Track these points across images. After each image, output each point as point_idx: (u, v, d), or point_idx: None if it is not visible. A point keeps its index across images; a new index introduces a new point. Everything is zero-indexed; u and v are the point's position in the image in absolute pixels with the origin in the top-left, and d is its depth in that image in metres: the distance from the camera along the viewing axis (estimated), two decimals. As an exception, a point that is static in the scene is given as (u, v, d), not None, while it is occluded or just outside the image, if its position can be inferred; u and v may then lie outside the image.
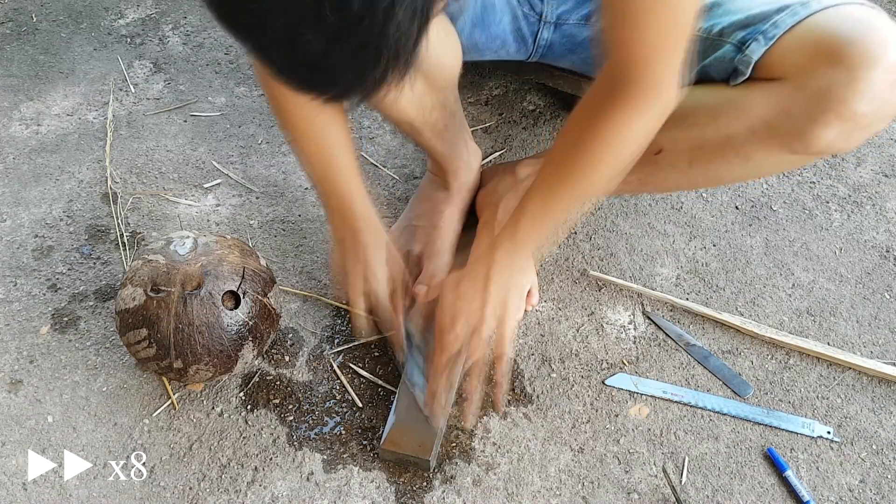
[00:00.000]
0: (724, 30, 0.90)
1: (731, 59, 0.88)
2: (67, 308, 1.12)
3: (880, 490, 0.94)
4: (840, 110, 0.79)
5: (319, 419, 1.01)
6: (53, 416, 1.01)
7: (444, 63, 1.00)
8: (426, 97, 1.01)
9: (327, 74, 0.51)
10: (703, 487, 0.94)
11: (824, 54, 0.80)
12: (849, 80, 0.78)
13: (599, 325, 1.10)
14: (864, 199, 1.26)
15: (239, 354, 0.96)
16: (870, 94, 0.78)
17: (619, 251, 1.19)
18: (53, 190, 1.29)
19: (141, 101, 1.45)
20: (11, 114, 1.43)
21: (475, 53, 1.08)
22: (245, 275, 0.95)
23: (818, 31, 0.82)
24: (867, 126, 0.81)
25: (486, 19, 1.04)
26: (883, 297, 1.13)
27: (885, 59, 0.77)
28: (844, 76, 0.78)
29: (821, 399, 1.02)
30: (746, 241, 1.20)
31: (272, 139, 1.37)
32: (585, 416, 1.01)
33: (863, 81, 0.77)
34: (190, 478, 0.95)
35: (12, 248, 1.20)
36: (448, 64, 1.01)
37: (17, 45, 1.58)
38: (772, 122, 0.85)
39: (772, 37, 0.85)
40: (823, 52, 0.80)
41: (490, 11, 1.04)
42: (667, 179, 0.99)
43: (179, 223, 1.24)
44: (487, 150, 1.34)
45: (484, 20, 1.04)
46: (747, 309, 1.11)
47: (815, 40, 0.82)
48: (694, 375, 1.04)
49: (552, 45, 1.10)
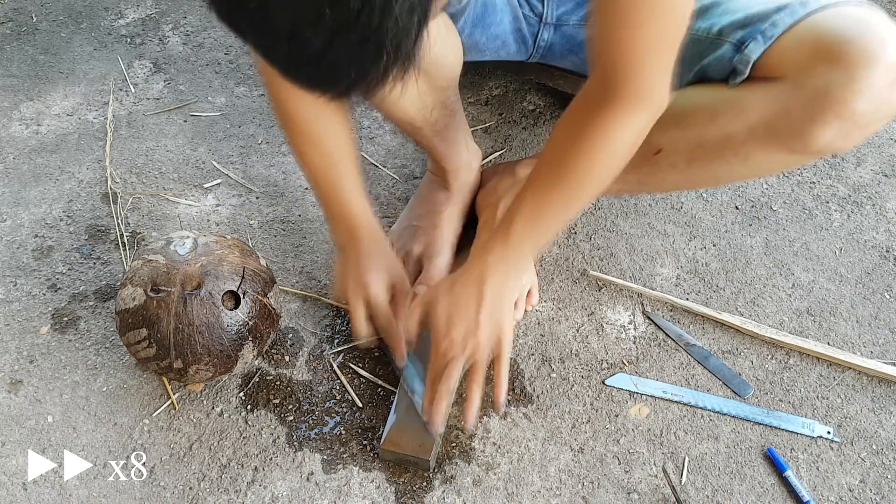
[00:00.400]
0: (723, 29, 0.90)
1: (730, 59, 0.88)
2: (67, 308, 1.12)
3: (880, 490, 0.94)
4: (839, 110, 0.79)
5: (319, 419, 1.01)
6: (53, 416, 1.01)
7: (446, 62, 1.00)
8: (427, 96, 1.01)
9: (330, 71, 0.51)
10: (703, 487, 0.94)
11: (823, 54, 0.80)
12: (847, 79, 0.77)
13: (599, 325, 1.10)
14: (864, 199, 1.26)
15: (239, 354, 0.96)
16: (868, 94, 0.77)
17: (619, 251, 1.19)
18: (53, 190, 1.29)
19: (141, 101, 1.45)
20: (11, 114, 1.43)
21: (476, 53, 1.08)
22: (245, 275, 0.95)
23: (817, 31, 0.82)
24: (866, 125, 0.81)
25: (486, 19, 1.04)
26: (883, 297, 1.13)
27: (883, 59, 0.77)
28: (843, 76, 0.78)
29: (821, 399, 1.02)
30: (746, 241, 1.20)
31: (272, 139, 1.37)
32: (585, 416, 1.01)
33: (861, 81, 0.77)
34: (190, 478, 0.95)
35: (12, 248, 1.20)
36: (449, 63, 1.01)
37: (17, 44, 1.58)
38: (770, 121, 0.85)
39: (770, 36, 0.85)
40: (822, 52, 0.80)
41: (491, 11, 1.04)
42: (666, 179, 0.99)
43: (179, 223, 1.24)
44: (487, 150, 1.34)
45: (485, 20, 1.04)
46: (747, 309, 1.11)
47: (813, 40, 0.81)
48: (694, 375, 1.04)
49: (552, 46, 1.10)
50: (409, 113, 1.02)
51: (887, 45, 0.77)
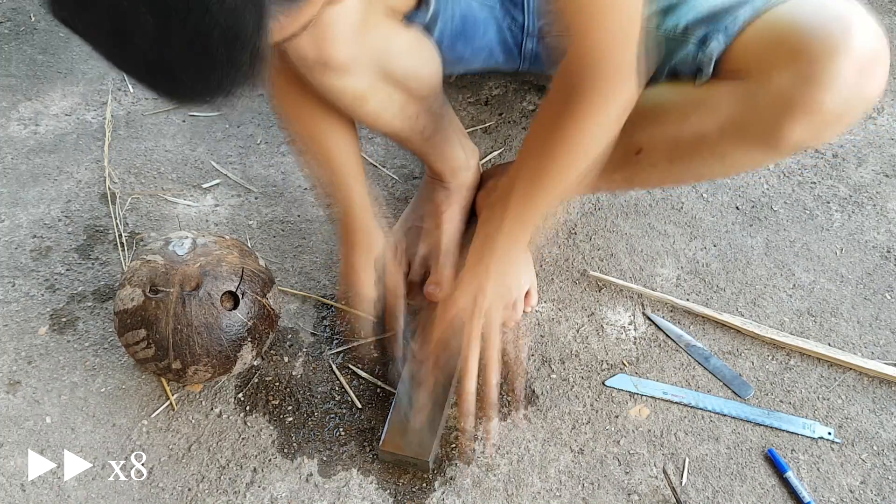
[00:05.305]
0: (688, 26, 0.87)
1: (694, 57, 0.86)
2: (66, 309, 1.12)
3: (881, 491, 0.93)
4: (806, 106, 0.76)
5: (318, 420, 1.00)
6: (52, 417, 1.01)
7: (420, 73, 0.98)
8: (408, 106, 1.00)
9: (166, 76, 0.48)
10: (704, 489, 0.94)
11: (784, 48, 0.77)
12: (811, 73, 0.74)
13: (599, 326, 1.10)
14: (864, 199, 1.26)
15: (238, 355, 0.95)
16: (835, 87, 0.74)
17: (619, 252, 1.18)
18: (52, 190, 1.28)
19: (139, 101, 1.45)
20: (9, 114, 1.42)
21: (463, 66, 1.08)
22: (244, 275, 0.95)
23: (777, 24, 0.79)
24: (837, 119, 0.77)
25: (468, 32, 1.03)
26: (884, 298, 1.12)
27: (848, 48, 0.73)
28: (806, 69, 0.74)
29: (822, 400, 1.02)
30: (747, 242, 1.20)
31: (271, 139, 1.37)
32: (585, 417, 1.00)
33: (826, 74, 0.73)
34: (189, 479, 0.95)
35: (10, 249, 1.20)
36: (425, 74, 0.99)
37: (16, 44, 1.57)
38: (739, 121, 0.82)
39: (731, 33, 0.82)
40: (784, 46, 0.77)
41: (472, 24, 1.02)
42: (651, 177, 0.98)
43: (178, 223, 1.23)
44: (487, 149, 1.34)
45: (465, 33, 1.02)
46: (748, 309, 1.11)
47: (774, 34, 0.79)
48: (694, 376, 1.04)
49: (538, 56, 1.10)
50: (393, 126, 1.01)
51: (851, 33, 0.73)
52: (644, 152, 0.93)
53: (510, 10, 1.04)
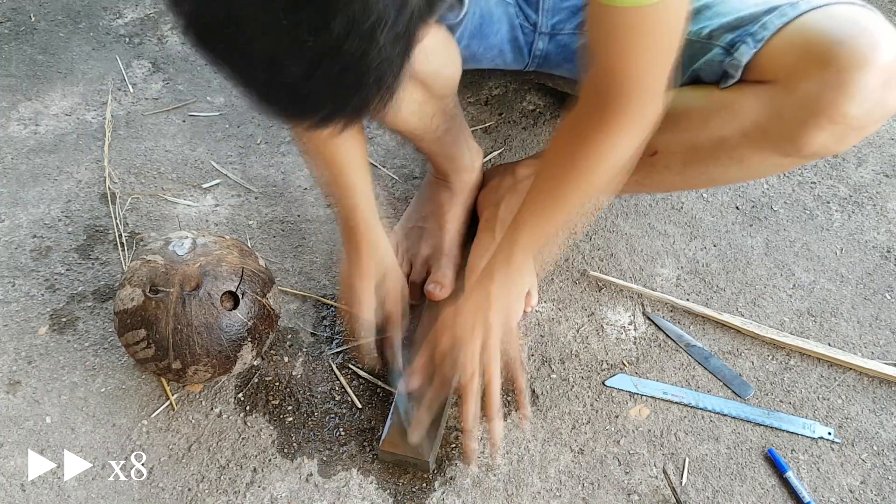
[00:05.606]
0: (714, 32, 0.88)
1: (721, 62, 0.87)
2: (66, 309, 1.12)
3: (881, 491, 0.93)
4: (831, 114, 0.78)
5: (318, 420, 1.00)
6: (52, 417, 1.01)
7: (444, 73, 0.99)
8: (426, 105, 1.01)
9: (308, 101, 0.50)
10: (704, 489, 0.94)
11: (813, 57, 0.78)
12: (838, 83, 0.76)
13: (599, 326, 1.10)
14: (864, 199, 1.26)
15: (238, 355, 0.95)
16: (860, 97, 0.76)
17: (619, 251, 1.18)
18: (52, 190, 1.28)
19: (139, 101, 1.45)
20: (9, 114, 1.42)
21: (473, 63, 1.08)
22: (244, 275, 0.95)
23: (807, 33, 0.80)
24: (859, 128, 0.80)
25: (484, 30, 1.04)
26: (884, 298, 1.12)
27: (875, 61, 0.75)
28: (834, 79, 0.76)
29: (821, 400, 1.02)
30: (747, 242, 1.20)
31: (271, 139, 1.37)
32: (585, 417, 1.00)
33: (853, 84, 0.76)
34: (189, 479, 0.95)
35: (10, 249, 1.20)
36: (447, 74, 1.00)
37: (16, 44, 1.57)
38: (763, 125, 0.84)
39: (760, 39, 0.83)
40: (812, 55, 0.79)
41: (488, 22, 1.04)
42: (663, 181, 0.99)
43: (178, 223, 1.23)
44: (487, 149, 1.34)
45: (482, 31, 1.04)
46: (748, 309, 1.11)
47: (803, 42, 0.80)
48: (694, 376, 1.04)
49: (548, 55, 1.10)
50: (410, 123, 1.02)
51: (879, 47, 0.75)
52: (659, 155, 0.93)
53: (524, 8, 1.05)
